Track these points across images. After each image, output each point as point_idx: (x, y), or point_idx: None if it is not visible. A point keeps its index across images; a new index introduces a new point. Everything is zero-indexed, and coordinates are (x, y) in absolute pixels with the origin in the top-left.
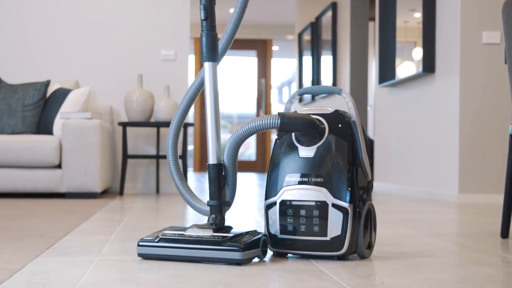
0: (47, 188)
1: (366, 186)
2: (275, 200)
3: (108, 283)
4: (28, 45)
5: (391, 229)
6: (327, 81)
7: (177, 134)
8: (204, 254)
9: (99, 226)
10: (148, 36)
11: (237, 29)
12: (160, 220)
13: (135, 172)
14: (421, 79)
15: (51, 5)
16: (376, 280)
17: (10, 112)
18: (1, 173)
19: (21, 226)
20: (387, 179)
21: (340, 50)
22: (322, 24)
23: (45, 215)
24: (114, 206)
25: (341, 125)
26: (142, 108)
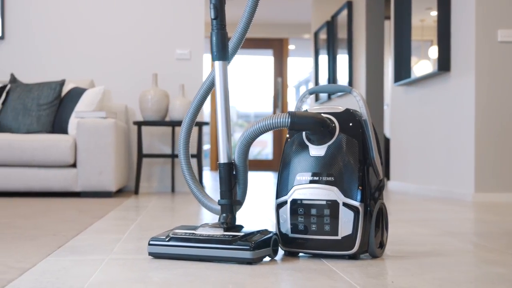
0: (62, 187)
1: (378, 185)
2: (286, 199)
3: (117, 282)
4: (43, 44)
5: (405, 228)
6: (343, 80)
7: (189, 134)
8: (214, 253)
9: (112, 225)
10: (163, 35)
11: (248, 29)
12: (174, 219)
13: (151, 171)
14: (436, 78)
15: (67, 4)
16: (386, 279)
17: (25, 111)
18: (17, 172)
19: (34, 225)
20: (403, 178)
21: (356, 49)
22: (338, 23)
23: (59, 214)
24: (128, 205)
25: (352, 124)
26: (157, 107)
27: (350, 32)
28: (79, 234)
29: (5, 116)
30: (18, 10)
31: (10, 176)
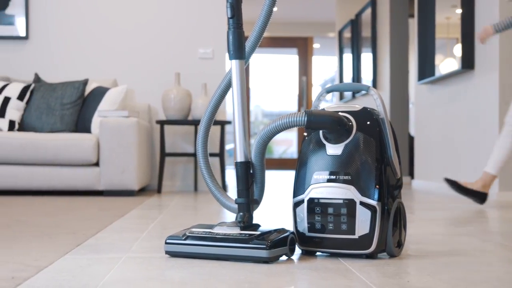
0: (85, 186)
1: (395, 184)
2: (303, 198)
3: (132, 280)
4: (67, 44)
5: (426, 227)
6: (367, 78)
7: (207, 132)
8: (230, 252)
9: (132, 224)
10: (186, 34)
11: (265, 28)
12: (195, 218)
13: (173, 170)
14: (460, 76)
15: (90, 5)
16: (402, 279)
17: (49, 110)
18: (40, 171)
19: (54, 223)
20: (427, 177)
21: (380, 47)
22: (362, 21)
23: (80, 212)
24: (150, 204)
25: (369, 122)
26: (180, 106)
27: (374, 30)
28: (98, 232)
29: (29, 115)
30: (42, 11)
31: (34, 175)
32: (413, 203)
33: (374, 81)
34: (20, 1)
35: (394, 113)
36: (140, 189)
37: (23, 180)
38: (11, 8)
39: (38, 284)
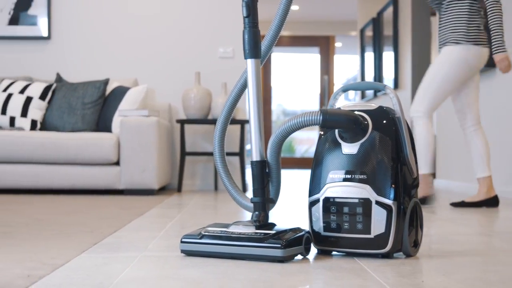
0: (106, 184)
1: (412, 183)
2: (318, 197)
3: (146, 279)
4: (88, 44)
5: (445, 227)
6: (389, 77)
7: (224, 132)
8: (245, 251)
9: (151, 223)
10: (205, 34)
11: (281, 28)
12: (213, 217)
13: (194, 169)
14: (482, 74)
15: (111, 5)
16: (417, 279)
17: (70, 110)
18: (62, 170)
19: (73, 222)
20: (449, 176)
21: (402, 45)
22: (383, 20)
23: (100, 211)
24: (170, 203)
25: (385, 121)
26: (200, 105)
27: (396, 28)
28: (116, 231)
29: (51, 114)
30: (64, 11)
31: (55, 174)
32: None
33: (396, 80)
34: (43, 2)
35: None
36: (160, 188)
37: (44, 179)
38: (33, 8)
39: (52, 282)
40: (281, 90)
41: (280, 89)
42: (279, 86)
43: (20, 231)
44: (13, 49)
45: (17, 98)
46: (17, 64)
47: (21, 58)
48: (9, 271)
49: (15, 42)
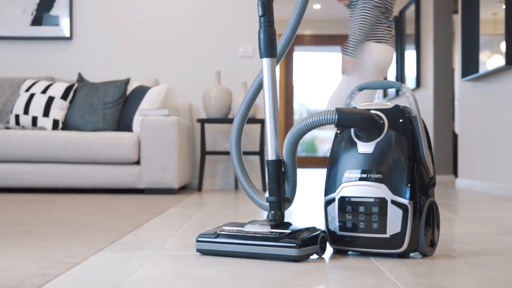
0: (126, 184)
1: (428, 182)
2: (334, 197)
3: (160, 278)
4: (109, 44)
5: (463, 227)
6: (411, 75)
7: (240, 131)
8: (260, 250)
9: (169, 222)
10: (226, 33)
11: (297, 27)
12: (232, 216)
13: (214, 168)
14: (504, 73)
15: (132, 5)
16: (432, 279)
17: (91, 109)
18: (83, 169)
19: (92, 221)
20: (470, 176)
21: (424, 44)
22: (405, 18)
23: (119, 210)
24: (189, 202)
25: (401, 120)
26: (220, 104)
27: (418, 27)
28: (134, 230)
29: (73, 114)
30: (85, 12)
31: (77, 173)
32: (456, 202)
33: (418, 79)
34: (65, 2)
35: (438, 110)
36: (181, 187)
37: (66, 178)
38: (55, 9)
39: (67, 280)
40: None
41: (302, 88)
42: (301, 85)
43: (39, 229)
44: (35, 49)
45: (39, 98)
46: (40, 64)
47: (43, 58)
48: (25, 269)
49: (37, 43)
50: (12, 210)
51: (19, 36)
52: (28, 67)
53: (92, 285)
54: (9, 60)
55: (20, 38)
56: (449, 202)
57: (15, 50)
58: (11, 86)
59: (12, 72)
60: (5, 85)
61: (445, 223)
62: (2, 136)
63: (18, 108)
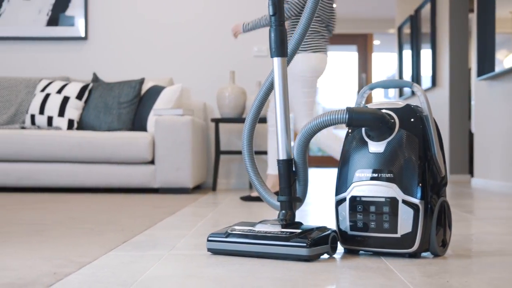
0: (141, 183)
1: (439, 182)
2: (345, 196)
3: (170, 277)
4: (124, 44)
5: (477, 227)
6: (427, 75)
7: (252, 130)
8: (271, 250)
9: (182, 221)
10: None
11: (308, 27)
12: (245, 216)
13: (228, 168)
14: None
15: (147, 5)
16: (442, 279)
17: (106, 109)
18: (98, 169)
19: (105, 220)
20: (487, 175)
21: (440, 43)
22: (421, 17)
23: (133, 209)
24: (203, 202)
25: (412, 119)
26: (234, 104)
27: (434, 26)
28: (147, 229)
29: (88, 114)
30: (100, 12)
31: (92, 172)
32: (471, 201)
33: (434, 78)
34: (80, 3)
35: (454, 109)
36: (195, 187)
37: (81, 178)
38: (71, 9)
39: (77, 279)
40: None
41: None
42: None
43: (52, 229)
44: (51, 50)
45: (55, 98)
46: (55, 64)
47: (58, 58)
48: (36, 268)
49: (53, 43)
50: (26, 209)
51: (35, 37)
52: (43, 67)
53: (102, 284)
54: (25, 60)
55: (35, 38)
56: (464, 201)
57: (31, 50)
58: (27, 86)
59: (27, 72)
60: (21, 85)
61: (460, 223)
62: (18, 136)
63: (33, 108)
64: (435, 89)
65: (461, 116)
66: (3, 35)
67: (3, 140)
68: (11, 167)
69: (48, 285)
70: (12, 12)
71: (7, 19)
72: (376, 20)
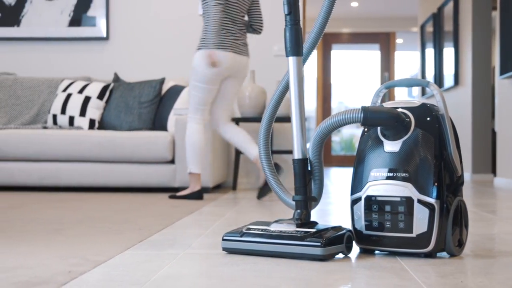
0: (161, 182)
1: (456, 181)
2: (360, 196)
3: (183, 276)
4: (145, 44)
5: (498, 227)
6: (449, 73)
7: (269, 129)
8: (285, 249)
9: (199, 220)
10: None
11: (325, 26)
12: (264, 215)
13: (249, 167)
14: None
15: (167, 5)
16: (456, 279)
17: (127, 109)
18: (118, 168)
19: (124, 219)
20: (509, 174)
21: (462, 41)
22: (444, 15)
23: (152, 209)
24: (222, 201)
25: (428, 118)
26: (255, 103)
27: (456, 24)
28: (164, 228)
29: (109, 114)
30: (121, 12)
31: (112, 172)
32: (493, 201)
33: (456, 76)
34: (101, 3)
35: (477, 108)
36: (215, 186)
37: (102, 177)
38: (92, 10)
39: (92, 278)
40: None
41: (340, 86)
42: (339, 84)
43: (71, 228)
44: (73, 50)
45: (76, 98)
46: (77, 64)
47: (80, 59)
48: (52, 266)
49: (75, 43)
50: (46, 208)
51: (57, 37)
52: (65, 67)
53: (115, 283)
54: (47, 61)
55: (58, 39)
56: (486, 201)
57: (53, 50)
58: (49, 86)
59: (50, 72)
60: (43, 85)
61: (481, 223)
62: (40, 136)
63: (55, 108)
64: (457, 88)
65: (484, 115)
66: (26, 36)
67: (26, 140)
68: (33, 166)
69: (62, 283)
70: (35, 13)
71: (30, 20)
72: (398, 18)
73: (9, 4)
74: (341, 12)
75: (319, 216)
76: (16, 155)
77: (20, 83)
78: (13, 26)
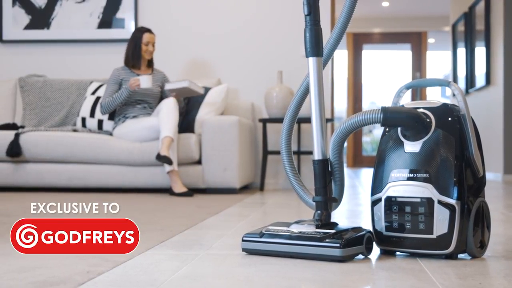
0: (188, 183)
1: (477, 182)
2: (380, 197)
3: (200, 276)
4: (172, 45)
5: None
6: (481, 73)
7: (291, 130)
8: (304, 250)
9: (223, 221)
10: (288, 33)
11: (346, 27)
12: (289, 216)
13: (277, 168)
14: None
15: (195, 6)
16: (475, 280)
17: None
18: (146, 170)
19: (147, 220)
20: None
21: (494, 40)
22: (475, 14)
23: (177, 209)
24: (249, 202)
25: (449, 119)
26: (282, 104)
27: (488, 23)
28: (187, 229)
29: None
30: (150, 14)
31: (140, 173)
32: None
33: (487, 76)
34: (130, 5)
35: (509, 108)
36: (243, 187)
37: (129, 179)
38: (121, 12)
39: (109, 278)
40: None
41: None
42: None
43: None
44: (102, 52)
45: None
46: (106, 66)
47: (109, 61)
48: (71, 266)
49: (104, 45)
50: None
51: (86, 39)
52: (94, 69)
53: (131, 283)
54: (76, 63)
55: (87, 40)
56: None
57: (82, 52)
58: (78, 88)
59: (79, 74)
60: (72, 87)
61: (499, 224)
62: (69, 139)
63: (84, 111)
64: (489, 88)
65: None
66: (56, 38)
67: (56, 142)
68: (63, 167)
69: (79, 283)
70: (65, 15)
71: (60, 23)
72: (430, 18)
73: (40, 7)
74: (372, 12)
75: (348, 217)
76: (46, 156)
77: (50, 85)
78: (43, 29)
